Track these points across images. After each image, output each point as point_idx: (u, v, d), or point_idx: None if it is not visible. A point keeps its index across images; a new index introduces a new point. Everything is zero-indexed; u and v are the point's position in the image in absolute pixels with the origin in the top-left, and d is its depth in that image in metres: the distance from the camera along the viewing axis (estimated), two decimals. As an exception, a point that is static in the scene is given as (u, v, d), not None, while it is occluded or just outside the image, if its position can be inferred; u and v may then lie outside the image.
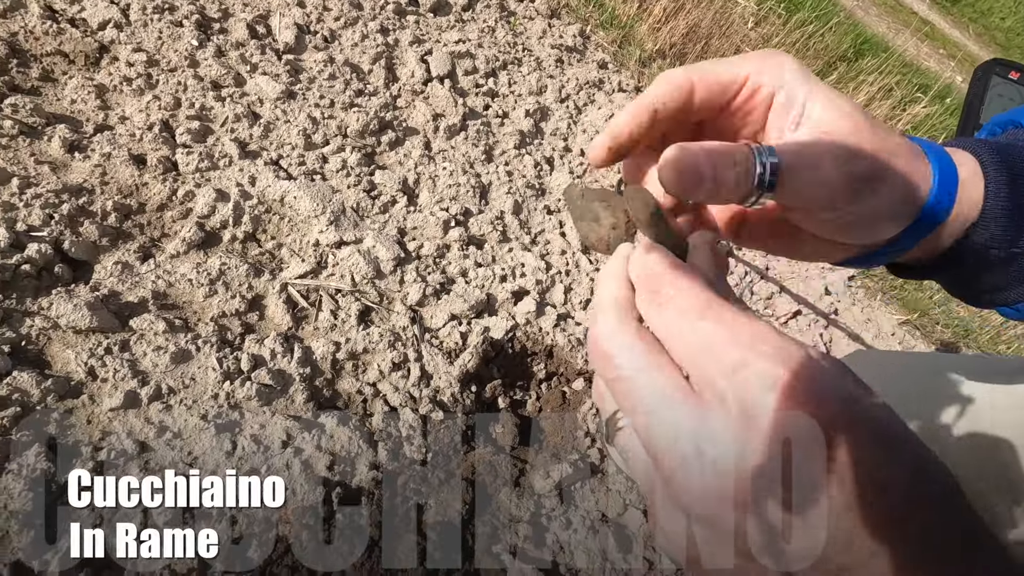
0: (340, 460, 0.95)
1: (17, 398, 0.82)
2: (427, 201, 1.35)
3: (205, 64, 1.34)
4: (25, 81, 1.19)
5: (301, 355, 1.03)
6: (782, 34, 3.53)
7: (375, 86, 1.53)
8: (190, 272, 1.05)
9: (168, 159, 1.17)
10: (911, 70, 4.10)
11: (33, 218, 0.98)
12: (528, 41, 2.03)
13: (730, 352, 0.20)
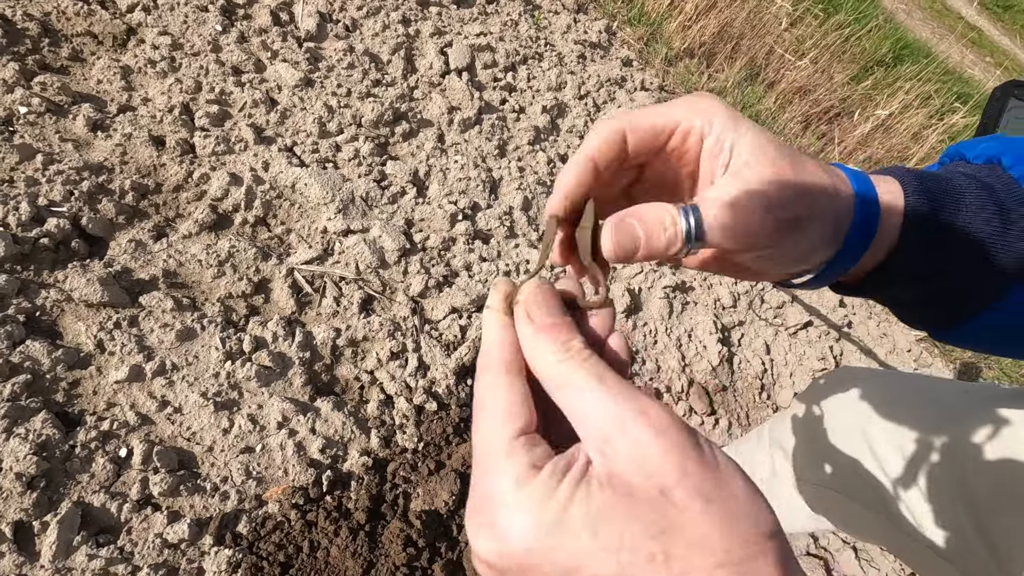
0: (333, 444, 0.98)
1: (28, 366, 0.86)
2: (436, 193, 1.36)
3: (227, 49, 1.37)
4: (55, 60, 1.23)
5: (302, 339, 1.05)
6: (817, 36, 3.44)
7: (393, 76, 1.54)
8: (200, 253, 1.08)
9: (186, 141, 1.20)
10: (952, 78, 3.96)
11: (54, 194, 1.02)
12: (551, 36, 2.02)
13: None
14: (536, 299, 0.27)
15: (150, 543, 0.80)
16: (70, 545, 0.76)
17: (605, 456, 0.22)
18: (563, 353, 0.25)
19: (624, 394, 0.23)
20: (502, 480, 0.23)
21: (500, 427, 0.25)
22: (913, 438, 0.57)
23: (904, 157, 2.91)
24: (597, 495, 0.22)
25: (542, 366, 0.25)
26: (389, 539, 0.91)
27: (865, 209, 0.31)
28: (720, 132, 0.30)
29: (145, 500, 0.84)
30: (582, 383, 0.24)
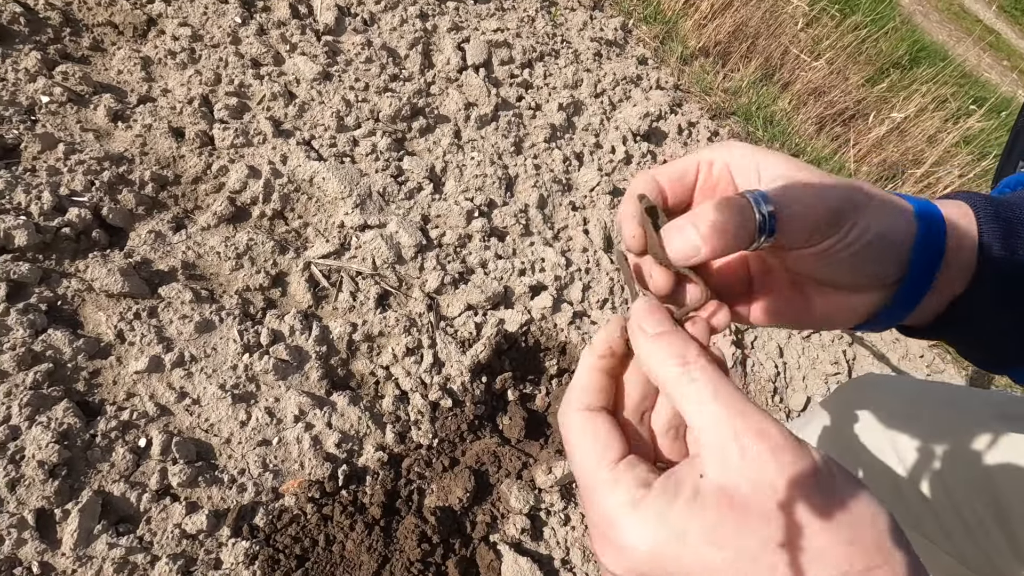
0: (348, 439, 0.98)
1: (51, 355, 0.87)
2: (452, 190, 1.36)
3: (247, 41, 1.37)
4: (76, 50, 1.24)
5: (319, 333, 1.06)
6: (833, 36, 3.41)
7: (410, 72, 1.54)
8: (219, 245, 1.08)
9: (205, 133, 1.21)
10: (969, 81, 3.92)
11: (76, 183, 1.03)
12: (568, 33, 2.01)
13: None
14: (644, 312, 0.28)
15: (169, 533, 0.81)
16: (91, 534, 0.77)
17: (721, 472, 0.23)
18: (679, 364, 0.25)
19: (741, 410, 0.24)
20: (616, 502, 0.25)
21: (599, 457, 0.26)
22: (942, 448, 0.56)
23: (919, 160, 2.89)
24: (713, 508, 0.23)
25: (660, 376, 0.26)
26: (404, 534, 0.91)
27: (928, 221, 0.31)
28: (742, 156, 0.31)
29: (164, 490, 0.84)
30: (699, 396, 0.24)
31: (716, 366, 0.26)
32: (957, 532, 0.55)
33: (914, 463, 0.59)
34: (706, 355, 0.26)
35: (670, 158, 1.83)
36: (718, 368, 0.26)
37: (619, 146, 1.68)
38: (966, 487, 0.54)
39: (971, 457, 0.54)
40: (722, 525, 0.22)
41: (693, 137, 1.95)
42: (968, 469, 0.55)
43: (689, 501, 0.23)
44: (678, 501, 0.23)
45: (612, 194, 1.57)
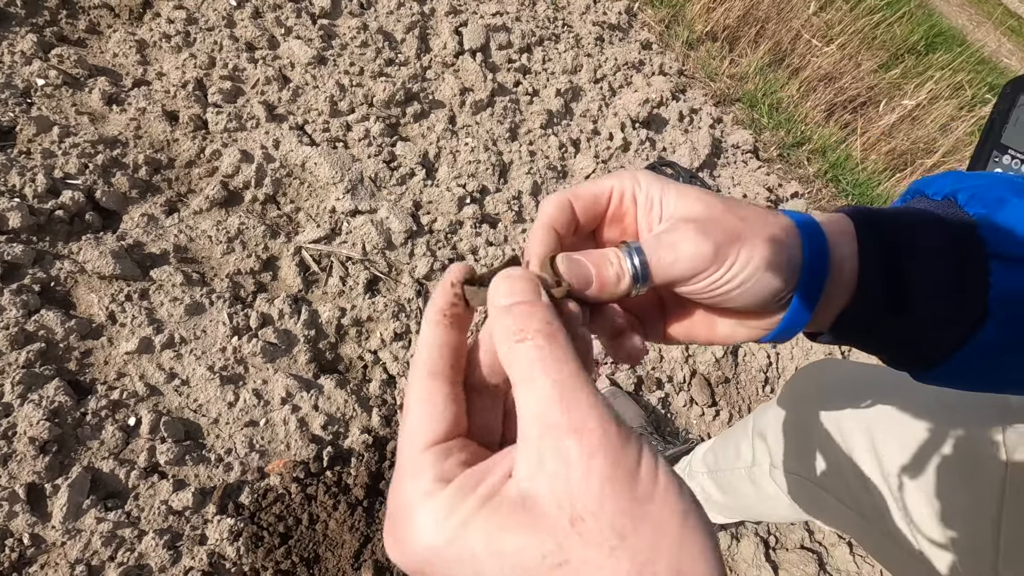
0: (334, 421, 1.00)
1: (43, 335, 0.89)
2: (445, 176, 1.36)
3: (241, 25, 1.37)
4: (72, 32, 1.24)
5: (308, 317, 1.07)
6: (847, 21, 3.33)
7: (406, 56, 1.53)
8: (211, 229, 1.10)
9: (199, 117, 1.21)
10: (987, 67, 3.82)
11: (70, 166, 1.04)
12: (569, 17, 1.99)
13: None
14: (504, 281, 0.26)
15: (156, 509, 0.83)
16: (80, 508, 0.79)
17: (528, 469, 0.21)
18: (518, 335, 0.23)
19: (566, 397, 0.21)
20: (410, 492, 0.23)
21: (413, 437, 0.24)
22: (893, 439, 0.57)
23: (930, 149, 2.84)
24: (503, 514, 0.21)
25: (500, 352, 0.24)
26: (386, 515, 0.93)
27: (811, 234, 0.32)
28: (648, 189, 0.32)
29: (152, 468, 0.87)
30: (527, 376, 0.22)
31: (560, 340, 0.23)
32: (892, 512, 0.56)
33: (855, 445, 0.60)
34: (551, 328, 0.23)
35: (670, 146, 1.81)
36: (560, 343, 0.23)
37: (617, 133, 1.67)
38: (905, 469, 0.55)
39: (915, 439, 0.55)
40: (506, 535, 0.20)
41: (695, 124, 1.93)
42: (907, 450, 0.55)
43: (482, 501, 0.21)
44: (469, 500, 0.22)
45: (608, 181, 1.56)
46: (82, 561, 0.77)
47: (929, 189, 0.36)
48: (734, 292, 0.31)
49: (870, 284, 0.33)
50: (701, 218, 0.30)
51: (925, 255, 0.32)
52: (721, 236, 0.30)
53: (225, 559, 0.84)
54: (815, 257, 0.31)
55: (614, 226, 0.34)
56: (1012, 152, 0.63)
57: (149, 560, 0.80)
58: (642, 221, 0.33)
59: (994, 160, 0.60)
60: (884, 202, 2.32)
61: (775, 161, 2.18)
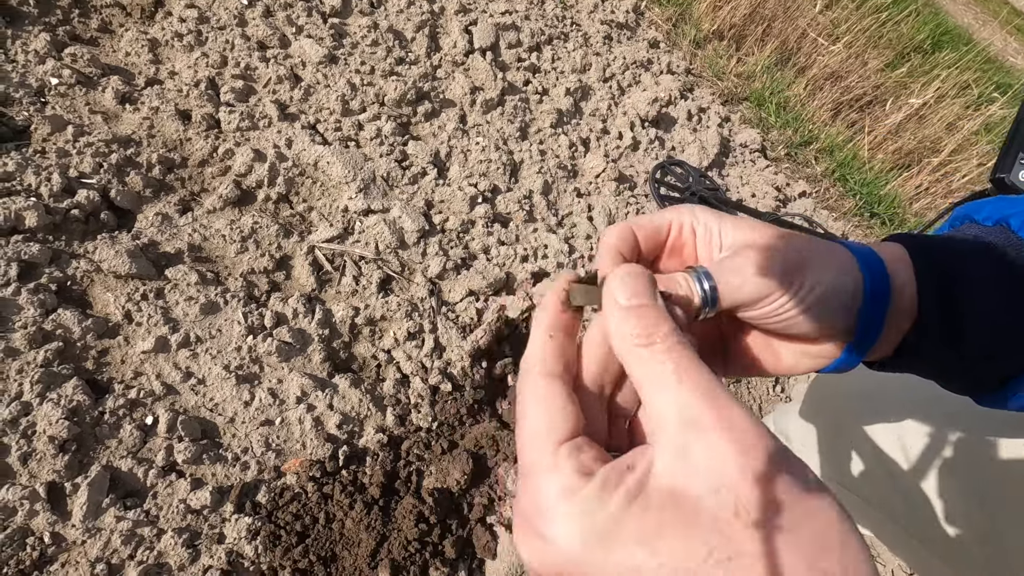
0: (349, 420, 1.00)
1: (60, 334, 0.89)
2: (457, 175, 1.36)
3: (253, 24, 1.37)
4: (85, 31, 1.25)
5: (322, 317, 1.07)
6: (853, 19, 3.32)
7: (416, 55, 1.53)
8: (224, 228, 1.10)
9: (212, 116, 1.21)
10: (993, 67, 3.82)
11: (84, 165, 1.04)
12: (578, 15, 1.98)
13: None
14: (621, 278, 0.26)
15: (174, 508, 0.84)
16: (99, 507, 0.80)
17: (675, 465, 0.21)
18: (645, 339, 0.23)
19: (707, 396, 0.21)
20: (549, 489, 0.22)
21: (544, 435, 0.24)
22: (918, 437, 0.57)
23: (936, 148, 2.83)
24: (656, 509, 0.20)
25: (622, 353, 0.24)
26: (402, 514, 0.93)
27: (872, 269, 0.32)
28: (706, 222, 0.33)
29: (170, 467, 0.87)
30: (660, 375, 0.22)
31: (689, 347, 0.24)
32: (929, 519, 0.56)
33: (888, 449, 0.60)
34: (678, 334, 0.24)
35: (679, 145, 1.81)
36: (690, 350, 0.23)
37: (627, 132, 1.67)
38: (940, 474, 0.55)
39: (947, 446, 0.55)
40: (663, 530, 0.20)
41: (703, 123, 1.93)
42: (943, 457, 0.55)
43: (629, 497, 0.21)
44: (615, 496, 0.21)
45: (618, 181, 1.56)
46: (102, 560, 0.77)
47: (979, 215, 0.36)
48: (801, 316, 0.31)
49: (928, 312, 0.33)
50: (763, 243, 0.31)
51: (979, 284, 0.32)
52: (785, 260, 0.30)
53: (243, 558, 0.84)
54: (876, 283, 0.32)
55: (673, 258, 0.34)
56: (1037, 153, 0.63)
57: (168, 559, 0.80)
58: (702, 252, 0.33)
59: (1020, 163, 0.60)
60: (892, 201, 2.32)
61: (783, 160, 2.17)
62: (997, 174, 0.61)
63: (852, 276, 0.31)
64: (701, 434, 0.21)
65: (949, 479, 0.55)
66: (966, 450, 0.55)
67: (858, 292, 0.31)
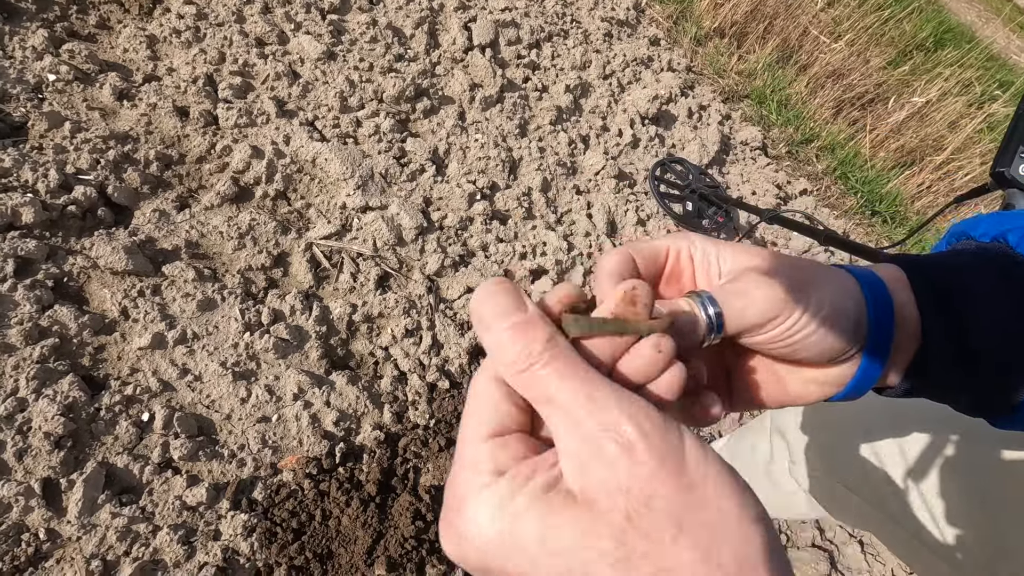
0: (346, 417, 1.00)
1: (56, 330, 0.89)
2: (455, 172, 1.36)
3: (251, 20, 1.37)
4: (83, 28, 1.24)
5: (319, 314, 1.07)
6: (855, 17, 3.31)
7: (415, 52, 1.53)
8: (222, 225, 1.10)
9: (209, 113, 1.21)
10: (996, 64, 3.80)
11: (81, 162, 1.04)
12: (578, 12, 1.98)
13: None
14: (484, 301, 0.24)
15: (170, 505, 0.83)
16: (95, 503, 0.79)
17: (574, 471, 0.21)
18: (523, 365, 0.23)
19: (594, 402, 0.21)
20: (466, 483, 0.23)
21: (471, 429, 0.24)
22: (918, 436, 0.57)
23: (939, 147, 2.82)
24: (557, 510, 0.21)
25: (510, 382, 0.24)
26: (399, 511, 0.93)
27: (870, 283, 0.32)
28: (704, 248, 0.32)
29: (166, 463, 0.87)
30: (546, 396, 0.22)
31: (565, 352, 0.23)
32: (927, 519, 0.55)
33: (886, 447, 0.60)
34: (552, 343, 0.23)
35: (679, 142, 1.80)
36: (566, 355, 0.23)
37: (626, 129, 1.66)
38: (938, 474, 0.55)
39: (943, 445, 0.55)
40: (561, 529, 0.20)
41: (703, 121, 1.92)
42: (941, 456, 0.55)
43: (536, 495, 0.21)
44: (523, 492, 0.21)
45: (617, 178, 1.55)
46: (97, 556, 0.77)
47: (975, 231, 0.36)
48: (810, 339, 0.30)
49: (931, 330, 0.32)
50: (763, 267, 0.30)
51: (983, 298, 0.31)
52: (789, 280, 0.30)
53: (239, 554, 0.84)
54: (879, 304, 0.31)
55: (671, 285, 0.34)
56: (1037, 148, 0.62)
57: (164, 555, 0.80)
58: (700, 279, 0.33)
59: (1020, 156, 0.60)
60: (894, 199, 2.31)
61: (784, 158, 2.17)
62: (997, 168, 0.60)
63: (854, 297, 0.31)
64: (589, 442, 0.21)
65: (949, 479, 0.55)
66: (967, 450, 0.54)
67: (862, 313, 0.31)
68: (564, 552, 0.20)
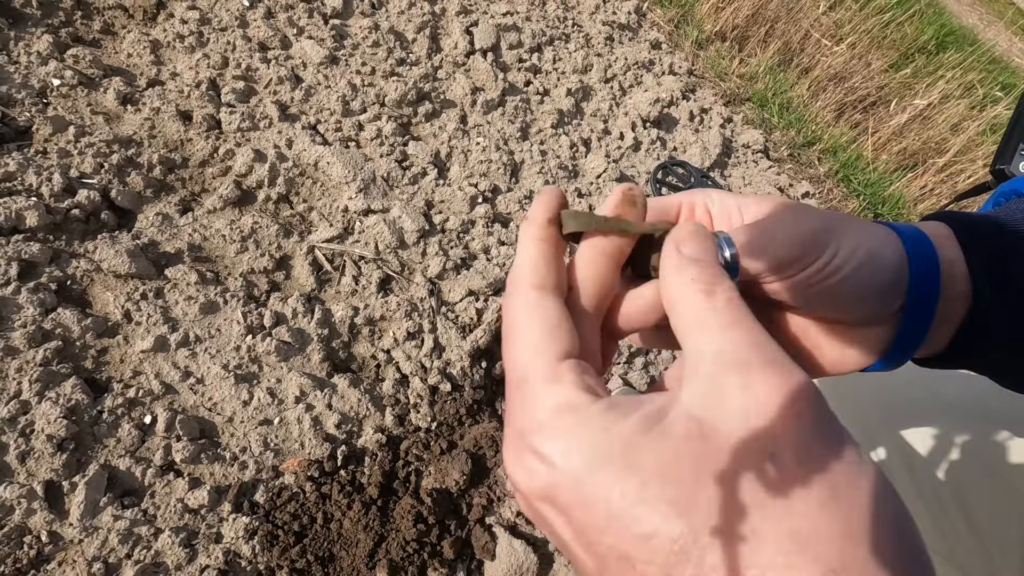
0: (348, 420, 1.00)
1: (59, 333, 0.89)
2: (457, 175, 1.36)
3: (254, 25, 1.38)
4: (87, 33, 1.25)
5: (321, 316, 1.07)
6: (857, 20, 3.31)
7: (417, 56, 1.53)
8: (224, 228, 1.10)
9: (212, 117, 1.22)
10: (998, 67, 3.80)
11: (85, 166, 1.05)
12: (579, 16, 1.98)
13: None
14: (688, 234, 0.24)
15: (172, 507, 0.83)
16: (96, 505, 0.80)
17: (707, 402, 0.19)
18: (706, 286, 0.22)
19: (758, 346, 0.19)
20: (549, 401, 0.20)
21: (542, 347, 0.21)
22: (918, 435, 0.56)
23: (941, 149, 2.82)
24: (679, 440, 0.18)
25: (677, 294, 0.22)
26: (400, 514, 0.93)
27: (914, 240, 0.29)
28: (723, 199, 0.30)
29: (168, 466, 0.87)
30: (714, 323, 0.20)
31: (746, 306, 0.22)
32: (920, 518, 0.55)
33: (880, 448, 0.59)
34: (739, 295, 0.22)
35: (680, 145, 1.81)
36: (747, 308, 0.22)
37: (628, 132, 1.67)
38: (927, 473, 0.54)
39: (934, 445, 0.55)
40: (686, 462, 0.17)
41: (705, 124, 1.92)
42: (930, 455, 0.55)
43: (648, 423, 0.19)
44: (631, 419, 0.19)
45: (619, 181, 1.55)
46: (99, 559, 0.77)
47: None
48: (843, 286, 0.27)
49: (982, 292, 0.29)
50: (787, 211, 0.28)
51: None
52: (818, 220, 0.27)
53: (241, 557, 0.84)
54: (923, 261, 0.28)
55: None
56: (1037, 146, 0.62)
57: (165, 558, 0.80)
58: (719, 226, 0.30)
59: (1021, 153, 0.60)
60: (897, 202, 2.30)
61: (786, 161, 2.16)
62: (997, 165, 0.60)
63: (894, 249, 0.28)
64: (743, 372, 0.19)
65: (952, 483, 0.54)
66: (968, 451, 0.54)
67: (903, 266, 0.28)
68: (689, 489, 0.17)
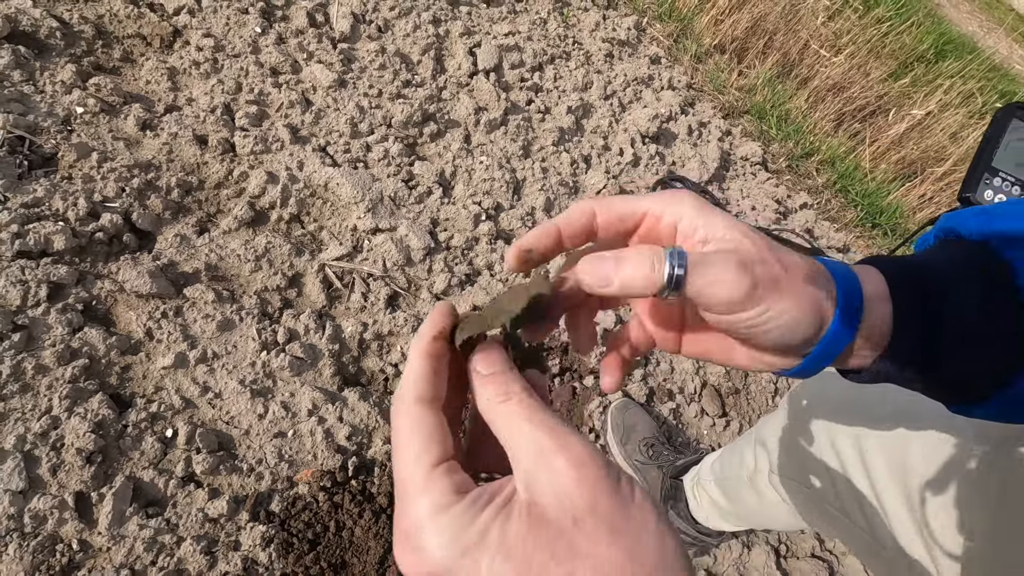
0: (358, 432, 1.04)
1: (86, 351, 0.94)
2: (461, 194, 1.41)
3: (266, 51, 1.43)
4: (108, 61, 1.31)
5: (332, 332, 1.12)
6: (856, 30, 3.35)
7: (423, 77, 1.59)
8: (239, 248, 1.15)
9: (227, 140, 1.27)
10: (998, 75, 3.82)
11: (108, 190, 1.10)
12: (579, 34, 2.03)
13: None
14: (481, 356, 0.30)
15: (193, 517, 0.88)
16: (123, 515, 0.84)
17: (529, 487, 0.25)
18: (503, 397, 0.27)
19: (550, 431, 0.25)
20: (423, 507, 0.25)
21: (419, 456, 0.27)
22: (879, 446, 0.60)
23: (940, 158, 2.84)
24: (515, 522, 0.24)
25: (486, 410, 0.28)
26: (408, 523, 0.97)
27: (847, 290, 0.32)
28: (692, 217, 0.32)
29: (189, 477, 0.91)
30: (515, 422, 0.26)
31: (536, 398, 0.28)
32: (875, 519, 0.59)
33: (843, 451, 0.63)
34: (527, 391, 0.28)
35: (679, 160, 1.85)
36: (538, 400, 0.28)
37: (627, 148, 1.71)
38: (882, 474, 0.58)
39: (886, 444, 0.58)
40: (520, 537, 0.23)
41: (704, 138, 1.96)
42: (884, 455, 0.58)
43: (495, 512, 0.25)
44: (485, 512, 0.25)
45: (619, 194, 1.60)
46: (126, 566, 0.81)
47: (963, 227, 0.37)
48: (761, 336, 0.31)
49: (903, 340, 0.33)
50: (745, 251, 0.31)
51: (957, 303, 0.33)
52: (762, 277, 0.30)
53: (258, 564, 0.88)
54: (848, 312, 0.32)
55: (648, 243, 0.34)
56: (1003, 175, 0.66)
57: (188, 565, 0.85)
58: (681, 243, 0.33)
59: (985, 182, 0.63)
60: (894, 212, 2.33)
61: (784, 172, 2.20)
62: (963, 193, 0.64)
63: (820, 315, 0.31)
64: (546, 458, 0.25)
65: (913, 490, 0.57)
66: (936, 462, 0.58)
67: (824, 327, 0.32)
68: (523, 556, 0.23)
